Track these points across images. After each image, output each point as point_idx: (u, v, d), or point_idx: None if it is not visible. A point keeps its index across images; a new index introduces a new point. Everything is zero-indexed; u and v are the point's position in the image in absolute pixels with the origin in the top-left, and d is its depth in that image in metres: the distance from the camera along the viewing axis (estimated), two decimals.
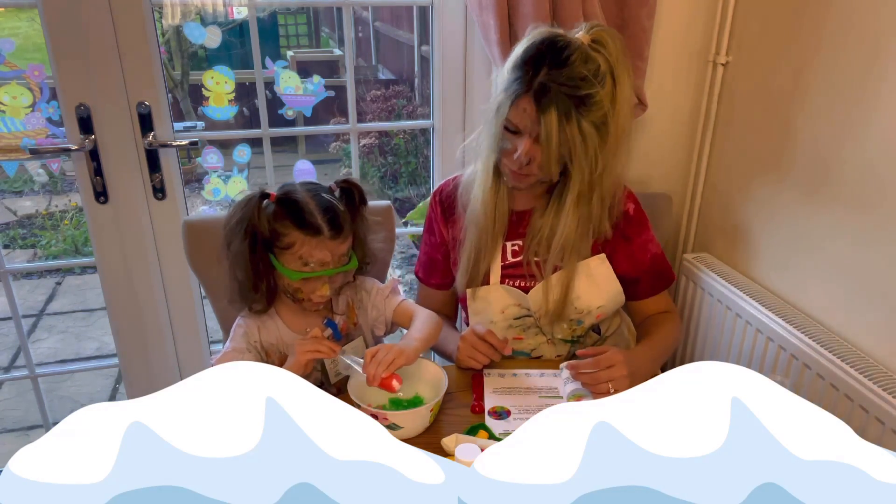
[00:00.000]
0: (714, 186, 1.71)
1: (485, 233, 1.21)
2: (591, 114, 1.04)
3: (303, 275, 1.08)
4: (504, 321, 1.27)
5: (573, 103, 1.03)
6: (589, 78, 1.03)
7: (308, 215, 1.06)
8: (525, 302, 1.24)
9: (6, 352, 3.00)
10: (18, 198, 4.70)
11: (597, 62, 1.04)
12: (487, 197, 1.18)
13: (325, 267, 1.08)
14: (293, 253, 1.07)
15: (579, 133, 1.05)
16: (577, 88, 1.02)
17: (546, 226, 1.18)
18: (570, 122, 1.04)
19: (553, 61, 1.03)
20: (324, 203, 1.08)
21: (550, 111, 1.03)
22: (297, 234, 1.06)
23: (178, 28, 4.35)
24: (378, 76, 6.44)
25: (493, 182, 1.18)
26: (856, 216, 1.27)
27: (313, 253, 1.06)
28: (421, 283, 1.39)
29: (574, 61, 1.03)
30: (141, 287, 1.63)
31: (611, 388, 1.06)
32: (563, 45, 1.04)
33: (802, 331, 1.33)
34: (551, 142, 1.05)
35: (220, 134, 1.74)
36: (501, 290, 1.25)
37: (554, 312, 1.22)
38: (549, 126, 1.04)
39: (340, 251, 1.09)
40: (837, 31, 1.28)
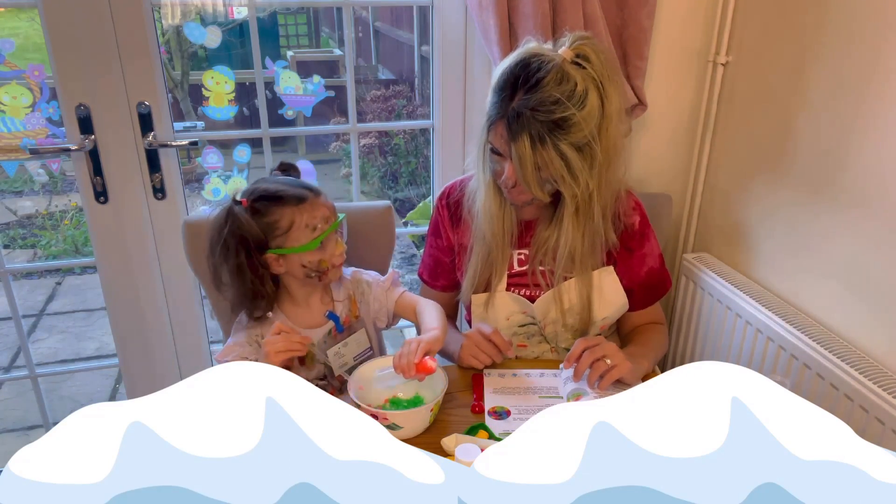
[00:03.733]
0: (714, 186, 1.71)
1: (494, 247, 1.20)
2: (569, 136, 1.01)
3: (319, 239, 1.10)
4: (508, 328, 1.27)
5: (546, 128, 1.00)
6: (562, 101, 0.99)
7: (288, 192, 1.10)
8: (530, 310, 1.24)
9: (6, 352, 3.00)
10: (18, 198, 4.70)
11: (573, 81, 1.00)
12: (493, 212, 1.18)
13: (328, 222, 1.12)
14: (297, 228, 1.09)
15: (558, 155, 1.02)
16: (551, 112, 1.00)
17: (551, 237, 1.17)
18: (546, 147, 1.01)
19: (526, 85, 1.01)
20: (287, 179, 1.14)
21: (522, 138, 1.01)
22: (289, 210, 1.09)
23: (178, 28, 4.35)
24: (378, 76, 6.44)
25: (495, 197, 1.17)
26: (856, 216, 1.27)
27: (315, 214, 1.10)
28: (425, 286, 1.39)
29: (547, 84, 0.99)
30: (141, 287, 1.63)
31: (607, 361, 1.08)
32: (536, 66, 1.01)
33: (802, 331, 1.33)
34: (526, 167, 1.03)
35: (220, 134, 1.74)
36: (507, 297, 1.25)
37: (572, 321, 1.23)
38: (521, 152, 1.02)
39: (330, 204, 1.14)
40: (838, 30, 1.28)
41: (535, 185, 1.06)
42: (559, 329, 1.25)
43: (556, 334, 1.27)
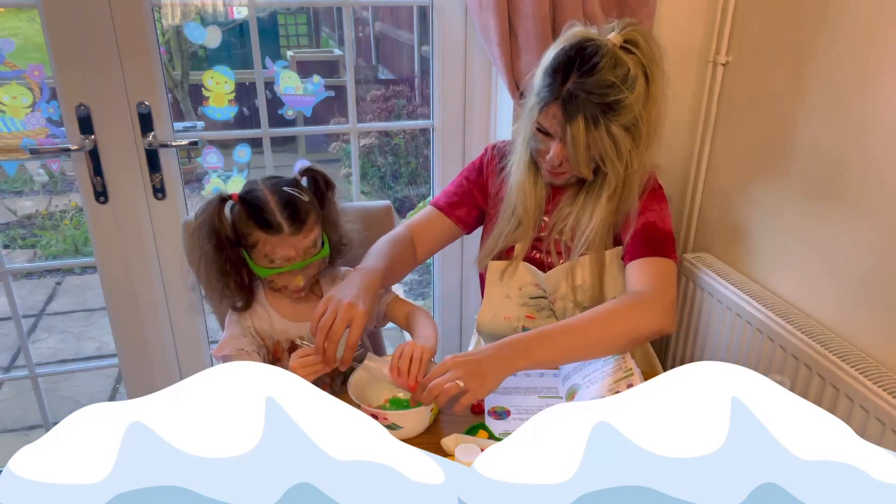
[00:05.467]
0: (714, 186, 1.71)
1: (525, 220, 1.23)
2: (620, 118, 1.06)
3: (271, 271, 1.10)
4: (520, 298, 1.28)
5: (600, 110, 1.05)
6: (617, 84, 1.04)
7: (268, 214, 1.08)
8: (542, 283, 1.25)
9: (6, 352, 3.00)
10: (18, 198, 4.69)
11: (626, 66, 1.05)
12: (527, 188, 1.21)
13: (290, 262, 1.10)
14: (259, 251, 1.10)
15: (609, 137, 1.07)
16: (605, 95, 1.04)
17: (574, 212, 1.20)
18: (598, 128, 1.06)
19: (581, 68, 1.05)
20: (284, 198, 1.09)
21: (577, 119, 1.05)
22: (259, 233, 1.08)
23: (178, 28, 4.35)
24: (378, 76, 6.44)
25: (529, 174, 1.21)
26: (856, 216, 1.27)
27: (276, 251, 1.09)
28: (435, 211, 1.32)
29: (602, 68, 1.04)
30: (141, 287, 1.63)
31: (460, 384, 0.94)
32: (591, 51, 1.05)
33: (802, 331, 1.33)
34: (579, 147, 1.08)
35: (220, 134, 1.74)
36: (524, 267, 1.26)
37: (581, 298, 1.23)
38: (575, 133, 1.06)
39: (304, 245, 1.10)
40: (837, 30, 1.28)
41: (584, 165, 1.11)
42: (568, 305, 1.26)
43: (565, 310, 1.27)
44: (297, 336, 1.18)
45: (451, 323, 1.98)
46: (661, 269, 1.14)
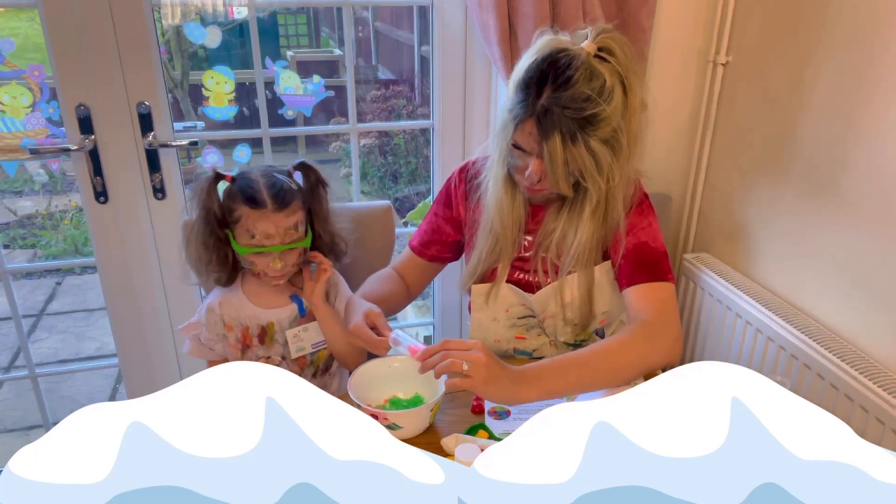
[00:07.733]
0: (714, 186, 1.71)
1: (503, 237, 1.20)
2: (598, 131, 1.01)
3: (251, 250, 1.13)
4: (507, 320, 1.27)
5: (578, 125, 1.00)
6: (593, 97, 0.99)
7: (254, 191, 1.12)
8: (529, 303, 1.24)
9: (6, 352, 3.00)
10: (18, 198, 4.69)
11: (602, 77, 1.00)
12: (505, 205, 1.17)
13: (270, 240, 1.12)
14: (242, 226, 1.13)
15: (588, 152, 1.02)
16: (582, 109, 0.99)
17: (558, 229, 1.16)
18: (577, 144, 1.01)
19: (555, 82, 1.00)
20: (272, 180, 1.14)
21: (554, 135, 1.00)
22: (243, 207, 1.12)
23: (178, 28, 4.35)
24: (378, 76, 6.44)
25: (507, 191, 1.17)
26: (856, 216, 1.27)
27: (257, 225, 1.11)
28: (410, 254, 1.36)
29: (577, 81, 0.99)
30: (141, 287, 1.63)
31: (465, 367, 0.94)
32: (565, 63, 1.00)
33: (802, 331, 1.33)
34: (556, 165, 1.03)
35: (220, 134, 1.74)
36: (507, 288, 1.24)
37: (571, 315, 1.21)
38: (552, 150, 1.02)
39: (286, 224, 1.13)
40: (837, 30, 1.28)
41: (563, 181, 1.06)
42: (558, 323, 1.25)
43: (556, 328, 1.26)
44: (268, 322, 1.21)
45: None
46: (664, 297, 1.13)
